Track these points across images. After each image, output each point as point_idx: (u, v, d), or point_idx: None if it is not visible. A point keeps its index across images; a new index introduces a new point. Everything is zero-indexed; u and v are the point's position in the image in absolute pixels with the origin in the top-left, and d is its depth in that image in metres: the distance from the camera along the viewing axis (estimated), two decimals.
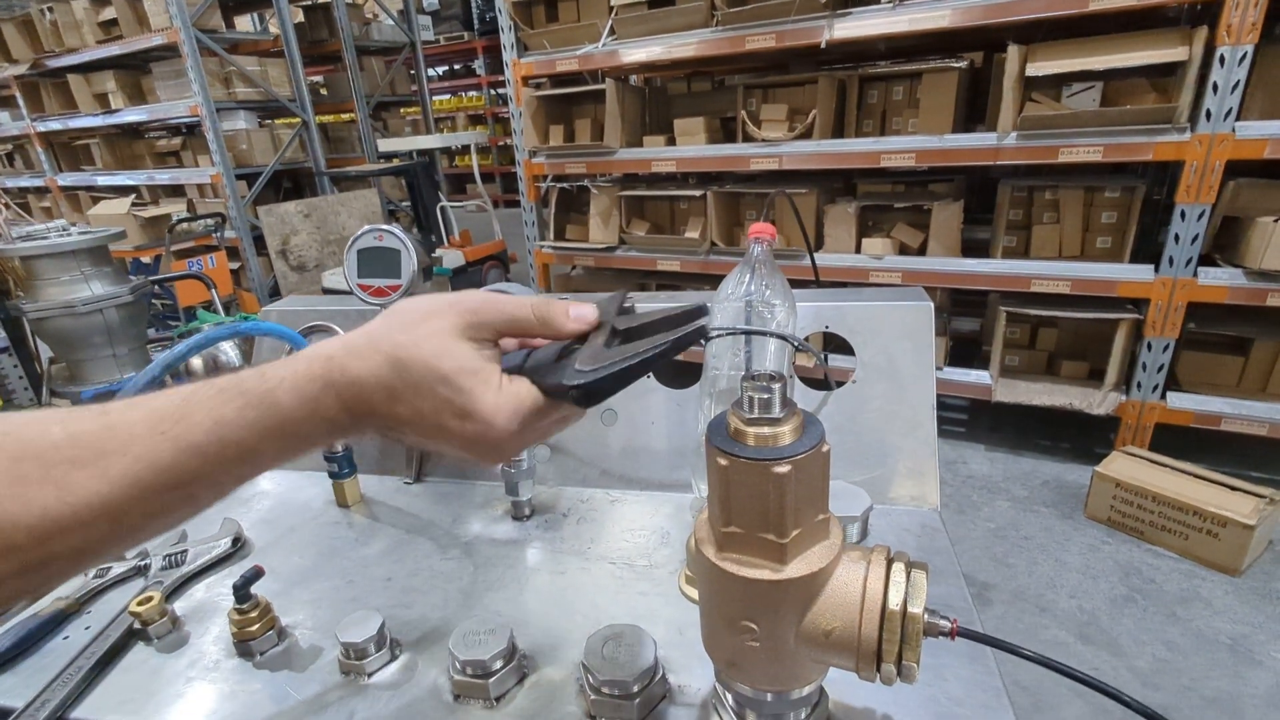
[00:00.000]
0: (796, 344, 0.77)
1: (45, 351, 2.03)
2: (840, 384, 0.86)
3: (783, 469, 0.42)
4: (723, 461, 0.44)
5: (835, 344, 0.92)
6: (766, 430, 0.44)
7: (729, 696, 0.53)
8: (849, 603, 0.45)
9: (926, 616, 0.44)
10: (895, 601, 0.44)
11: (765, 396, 0.44)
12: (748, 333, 0.77)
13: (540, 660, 0.64)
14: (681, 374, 0.91)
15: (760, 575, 0.44)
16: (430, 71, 10.79)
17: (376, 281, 0.84)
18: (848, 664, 0.46)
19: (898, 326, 0.85)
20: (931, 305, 0.85)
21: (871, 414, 0.85)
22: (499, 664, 0.60)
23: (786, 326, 0.78)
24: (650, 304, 0.54)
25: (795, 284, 0.81)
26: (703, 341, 0.83)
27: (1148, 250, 2.63)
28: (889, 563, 0.46)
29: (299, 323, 1.11)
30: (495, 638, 0.61)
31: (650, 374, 0.95)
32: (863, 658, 0.45)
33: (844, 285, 2.97)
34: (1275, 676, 1.74)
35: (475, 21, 9.41)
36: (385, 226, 0.83)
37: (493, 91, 10.33)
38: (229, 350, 1.84)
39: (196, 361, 1.84)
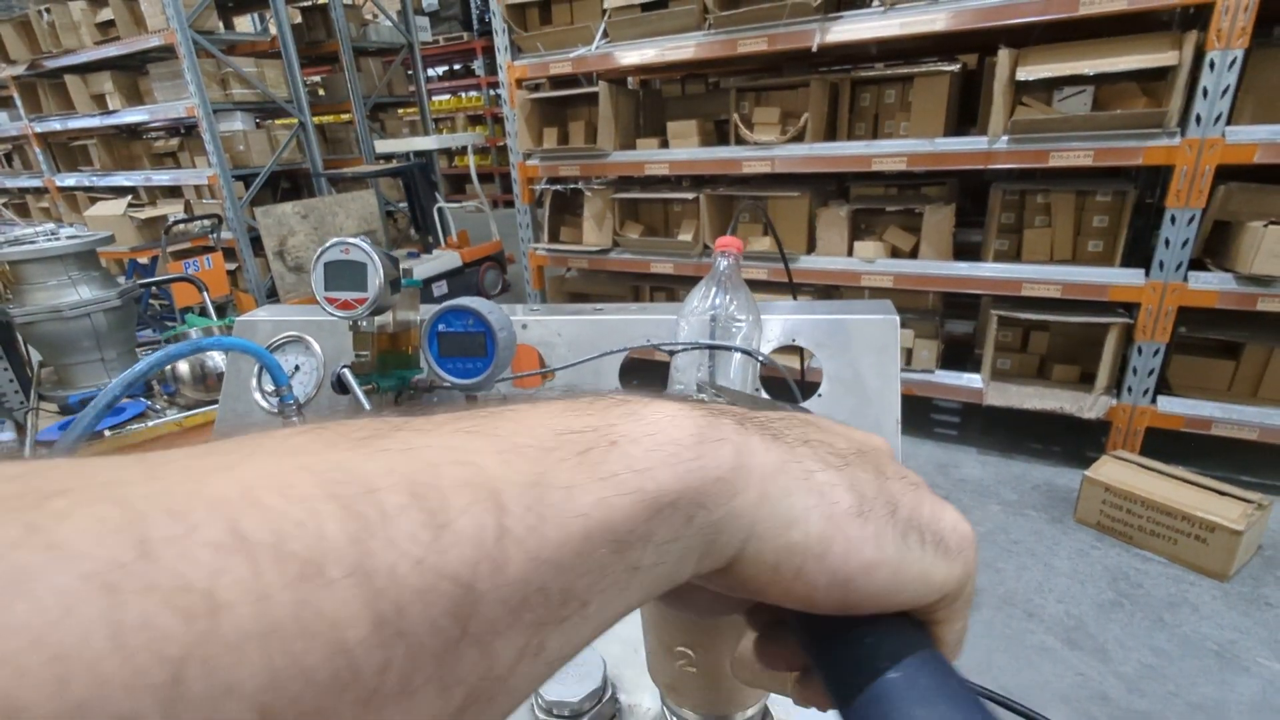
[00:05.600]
0: (760, 358, 0.77)
1: (37, 356, 2.04)
2: (809, 387, 0.86)
3: None
4: None
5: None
6: None
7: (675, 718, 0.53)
8: None
9: None
10: None
11: None
12: (711, 347, 0.77)
13: None
14: (649, 383, 0.91)
15: None
16: (429, 72, 10.82)
17: (343, 294, 0.84)
18: (783, 690, 0.46)
19: (863, 340, 0.85)
20: (897, 319, 0.84)
21: None
22: None
23: (751, 341, 0.78)
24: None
25: (781, 290, 0.80)
26: (670, 354, 0.83)
27: (1139, 254, 2.62)
28: None
29: (273, 334, 1.11)
30: None
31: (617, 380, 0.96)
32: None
33: (835, 289, 2.98)
34: (1262, 683, 1.74)
35: (474, 22, 9.43)
36: (351, 240, 0.82)
37: (492, 92, 10.33)
38: (216, 356, 1.85)
39: (184, 367, 1.86)
